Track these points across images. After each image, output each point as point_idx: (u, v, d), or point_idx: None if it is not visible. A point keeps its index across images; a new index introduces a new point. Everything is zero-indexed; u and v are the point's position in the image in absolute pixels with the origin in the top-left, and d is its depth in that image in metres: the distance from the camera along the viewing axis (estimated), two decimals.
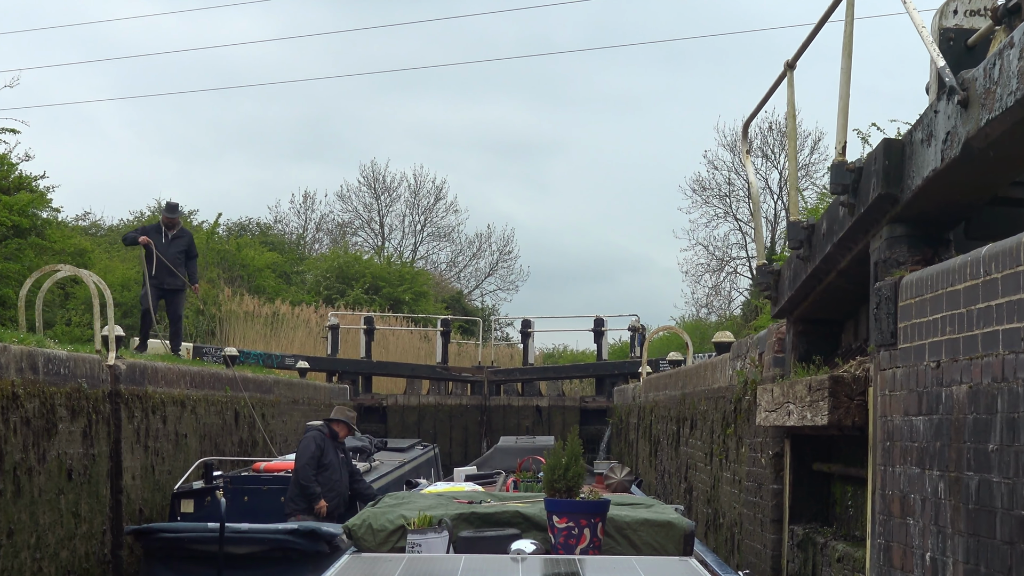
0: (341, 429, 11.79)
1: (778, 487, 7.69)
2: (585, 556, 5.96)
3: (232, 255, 36.01)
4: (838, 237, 5.83)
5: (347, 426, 11.83)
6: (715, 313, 43.67)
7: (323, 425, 11.79)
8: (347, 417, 11.88)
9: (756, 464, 8.29)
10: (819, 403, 5.73)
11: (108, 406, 11.51)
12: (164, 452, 13.11)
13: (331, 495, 11.34)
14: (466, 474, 12.13)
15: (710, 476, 10.76)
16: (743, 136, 7.39)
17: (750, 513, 8.50)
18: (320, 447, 11.39)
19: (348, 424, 11.83)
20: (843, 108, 5.58)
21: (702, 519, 11.27)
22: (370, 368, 26.45)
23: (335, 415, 11.92)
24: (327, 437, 11.60)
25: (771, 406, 6.84)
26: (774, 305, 7.40)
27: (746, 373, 8.86)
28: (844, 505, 6.86)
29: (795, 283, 6.77)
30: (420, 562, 5.78)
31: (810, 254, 6.36)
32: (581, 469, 6.34)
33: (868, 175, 5.36)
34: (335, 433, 11.75)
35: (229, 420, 15.90)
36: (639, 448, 18.33)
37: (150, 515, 12.32)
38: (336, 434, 11.75)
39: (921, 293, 4.73)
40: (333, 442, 11.66)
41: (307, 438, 11.59)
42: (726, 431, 9.73)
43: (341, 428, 11.79)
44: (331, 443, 11.61)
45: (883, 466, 5.12)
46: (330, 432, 11.71)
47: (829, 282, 6.34)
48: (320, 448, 11.37)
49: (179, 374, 13.91)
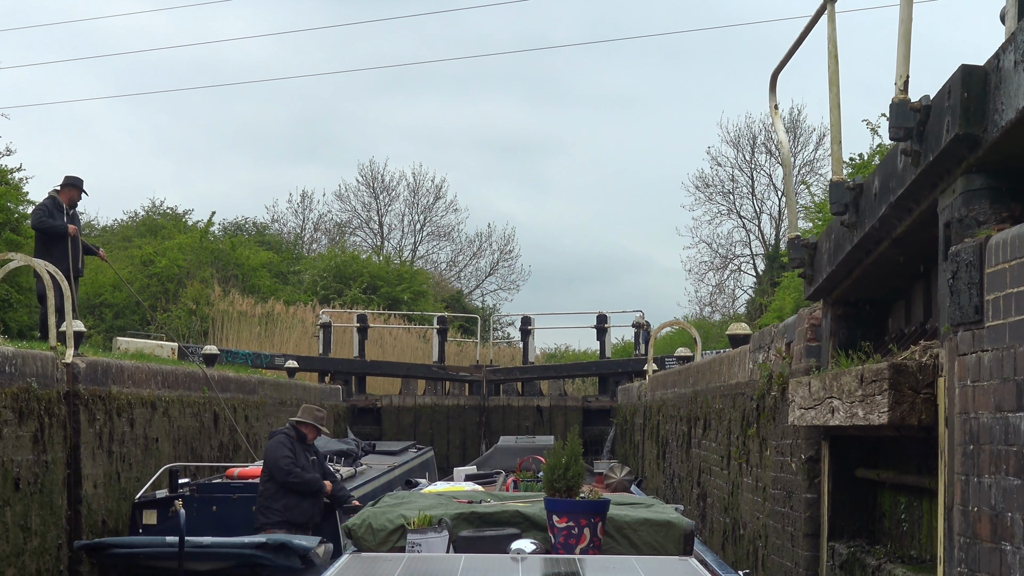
0: (309, 431, 10.72)
1: (812, 496, 6.65)
2: (585, 556, 5.95)
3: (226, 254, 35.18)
4: (896, 195, 4.78)
5: (314, 428, 10.74)
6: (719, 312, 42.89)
7: (289, 428, 10.73)
8: (314, 418, 10.79)
9: (785, 469, 7.25)
10: (875, 398, 4.69)
11: (64, 408, 10.48)
12: (131, 458, 12.07)
13: (302, 504, 10.30)
14: (466, 474, 11.97)
15: (727, 482, 9.71)
16: (771, 90, 6.35)
17: (777, 525, 7.45)
18: (291, 449, 10.35)
19: (315, 425, 10.74)
20: (905, 34, 4.55)
21: (718, 529, 10.22)
22: (363, 368, 25.50)
23: (301, 416, 10.84)
24: (295, 440, 10.55)
25: (808, 403, 5.80)
26: (808, 284, 6.35)
27: (771, 366, 7.82)
28: (895, 519, 5.81)
29: (836, 257, 5.72)
30: (420, 562, 5.81)
31: (857, 220, 5.31)
32: (581, 469, 6.32)
33: (939, 114, 4.32)
34: (303, 435, 10.69)
35: (207, 423, 14.86)
36: (645, 449, 17.31)
37: (114, 527, 11.29)
38: (304, 436, 10.70)
39: (1019, 255, 3.68)
40: (302, 445, 10.61)
41: (273, 442, 10.55)
42: (747, 431, 8.69)
43: (309, 430, 10.72)
44: (300, 446, 10.57)
45: (964, 475, 4.07)
46: (297, 435, 10.65)
47: (880, 253, 5.29)
48: (291, 450, 10.34)
49: (149, 373, 12.87)
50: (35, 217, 13.65)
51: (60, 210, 13.54)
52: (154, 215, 41.18)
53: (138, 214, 42.43)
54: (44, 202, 13.66)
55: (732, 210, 42.62)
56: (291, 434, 10.58)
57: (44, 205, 13.62)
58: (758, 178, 42.35)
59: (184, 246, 33.84)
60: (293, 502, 10.26)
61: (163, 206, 41.92)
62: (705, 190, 42.45)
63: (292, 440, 10.51)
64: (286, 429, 10.73)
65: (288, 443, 10.44)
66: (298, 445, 10.51)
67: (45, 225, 13.43)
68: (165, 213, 41.11)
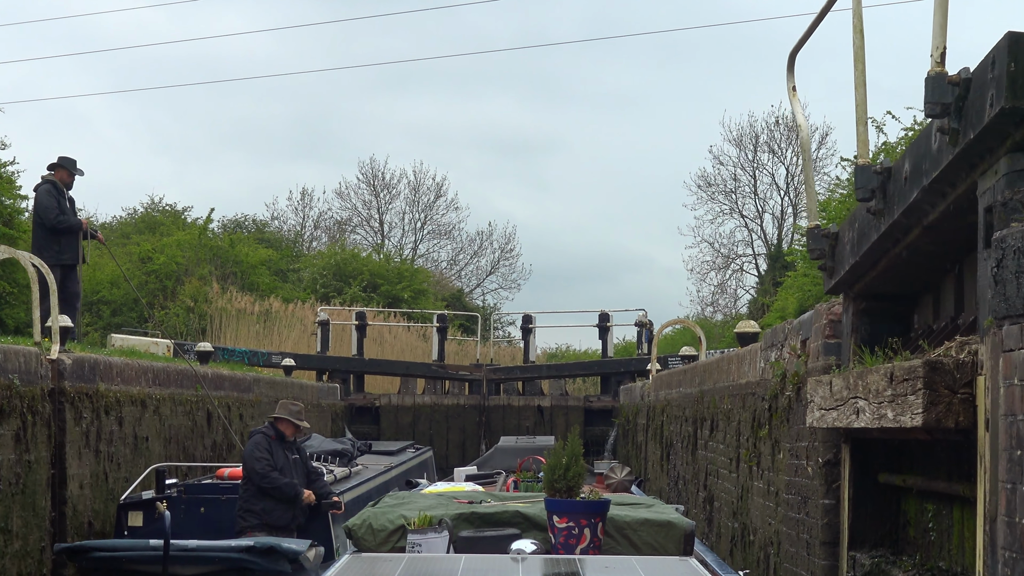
0: (286, 427, 10.26)
1: (830, 502, 6.27)
2: (585, 556, 5.94)
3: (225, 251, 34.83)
4: (930, 178, 4.40)
5: (290, 423, 10.28)
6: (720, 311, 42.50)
7: (267, 427, 10.30)
8: (289, 412, 10.31)
9: (800, 473, 6.87)
10: (907, 398, 4.31)
11: (48, 406, 10.11)
12: (120, 457, 11.70)
13: (279, 507, 9.89)
14: (466, 474, 11.87)
15: (736, 485, 9.34)
16: (788, 70, 5.97)
17: (791, 532, 7.08)
18: (268, 449, 9.93)
19: (291, 421, 10.28)
20: (941, 2, 4.17)
21: (726, 534, 9.85)
22: (362, 366, 25.14)
23: (278, 411, 10.38)
24: (272, 440, 10.14)
25: (829, 403, 5.42)
26: (829, 277, 5.96)
27: (785, 364, 7.45)
28: (921, 528, 5.43)
29: (860, 247, 5.34)
30: (420, 562, 5.79)
31: (885, 207, 4.93)
32: (581, 469, 6.31)
33: (981, 87, 3.94)
34: (281, 433, 10.25)
35: (200, 422, 14.49)
36: (648, 451, 16.94)
37: (101, 529, 10.92)
38: (283, 434, 10.26)
39: None
40: (282, 444, 10.18)
41: (250, 443, 10.16)
42: (758, 433, 8.31)
43: (285, 426, 10.27)
44: (280, 445, 10.14)
45: (1010, 484, 3.70)
46: (276, 433, 10.23)
47: (909, 243, 4.91)
48: (268, 451, 9.92)
49: (139, 370, 12.50)
50: (50, 216, 12.79)
51: (63, 195, 12.97)
52: (153, 212, 40.84)
53: (137, 211, 42.10)
54: (46, 190, 12.88)
55: (734, 209, 42.26)
56: (269, 433, 10.18)
57: (48, 194, 12.85)
58: (760, 177, 42.00)
59: (183, 243, 33.50)
60: (271, 505, 9.85)
61: (162, 203, 41.59)
62: (707, 189, 42.12)
63: (270, 440, 10.09)
64: (264, 428, 10.32)
65: (265, 443, 10.03)
66: (277, 444, 10.09)
67: (64, 225, 12.80)
68: (164, 210, 40.77)
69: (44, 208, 12.96)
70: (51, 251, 12.72)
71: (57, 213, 12.82)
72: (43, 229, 12.96)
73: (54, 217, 12.81)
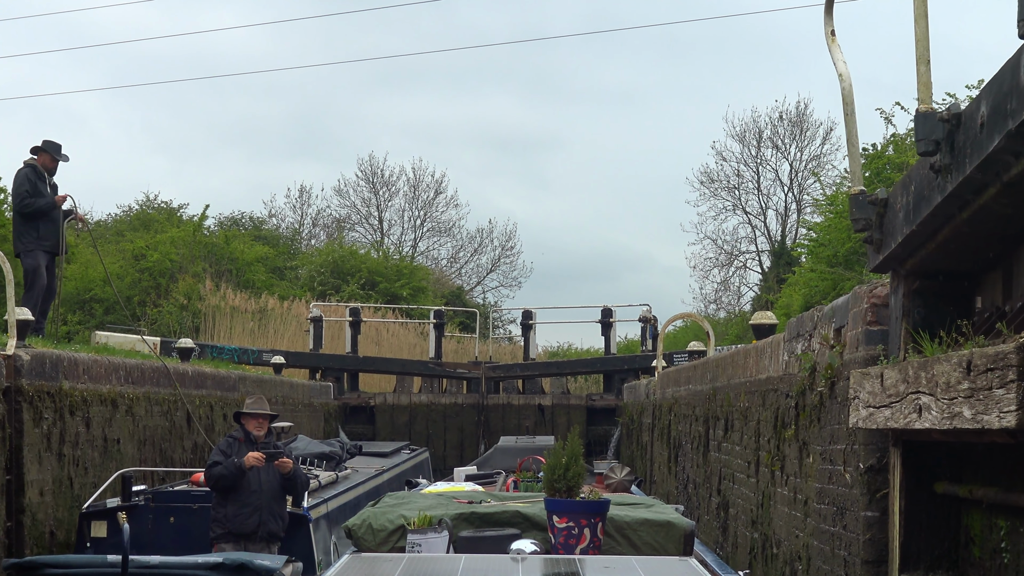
0: (249, 423, 9.30)
1: (874, 515, 5.42)
2: (585, 556, 5.93)
3: (220, 248, 34.06)
4: (1018, 120, 3.55)
5: (252, 417, 9.31)
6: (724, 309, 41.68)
7: (238, 430, 9.39)
8: (246, 405, 9.37)
9: (835, 480, 6.02)
10: (992, 392, 3.46)
11: (3, 406, 9.27)
12: (87, 461, 10.86)
13: (245, 510, 8.95)
14: (466, 474, 11.78)
15: (756, 491, 8.48)
16: (827, 12, 5.11)
17: (825, 547, 6.23)
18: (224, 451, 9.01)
19: (250, 413, 9.31)
20: None
21: (744, 544, 8.99)
22: (356, 364, 24.32)
23: (245, 408, 9.44)
24: (241, 442, 9.23)
25: (880, 400, 4.56)
26: (876, 252, 5.09)
27: (814, 357, 6.59)
28: (989, 548, 4.58)
29: (917, 213, 4.47)
30: (420, 562, 5.79)
31: (952, 161, 4.07)
32: (581, 469, 6.29)
33: None
34: (248, 433, 9.31)
35: (179, 422, 13.64)
36: (654, 451, 16.10)
37: (65, 539, 10.09)
38: (250, 434, 9.32)
39: None
40: (252, 446, 9.21)
41: (217, 447, 9.29)
42: (782, 434, 7.46)
43: (248, 422, 9.32)
44: (248, 447, 9.16)
45: None
46: (244, 434, 9.32)
47: (982, 205, 4.05)
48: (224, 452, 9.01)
49: (109, 367, 11.65)
50: (17, 200, 12.12)
51: (42, 179, 12.14)
52: (148, 209, 40.03)
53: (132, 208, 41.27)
54: (24, 174, 12.10)
55: (738, 205, 41.39)
56: (238, 436, 9.29)
57: (25, 178, 12.06)
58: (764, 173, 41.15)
59: (177, 240, 32.69)
60: (233, 511, 8.89)
61: (157, 200, 40.76)
62: (710, 185, 41.26)
63: (238, 442, 9.17)
64: (235, 432, 9.45)
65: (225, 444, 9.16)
66: (245, 446, 9.11)
67: (31, 208, 12.00)
68: (159, 207, 39.95)
69: (15, 193, 12.27)
70: (30, 237, 12.05)
71: (24, 197, 12.00)
72: (20, 215, 12.21)
73: (20, 201, 12.02)
